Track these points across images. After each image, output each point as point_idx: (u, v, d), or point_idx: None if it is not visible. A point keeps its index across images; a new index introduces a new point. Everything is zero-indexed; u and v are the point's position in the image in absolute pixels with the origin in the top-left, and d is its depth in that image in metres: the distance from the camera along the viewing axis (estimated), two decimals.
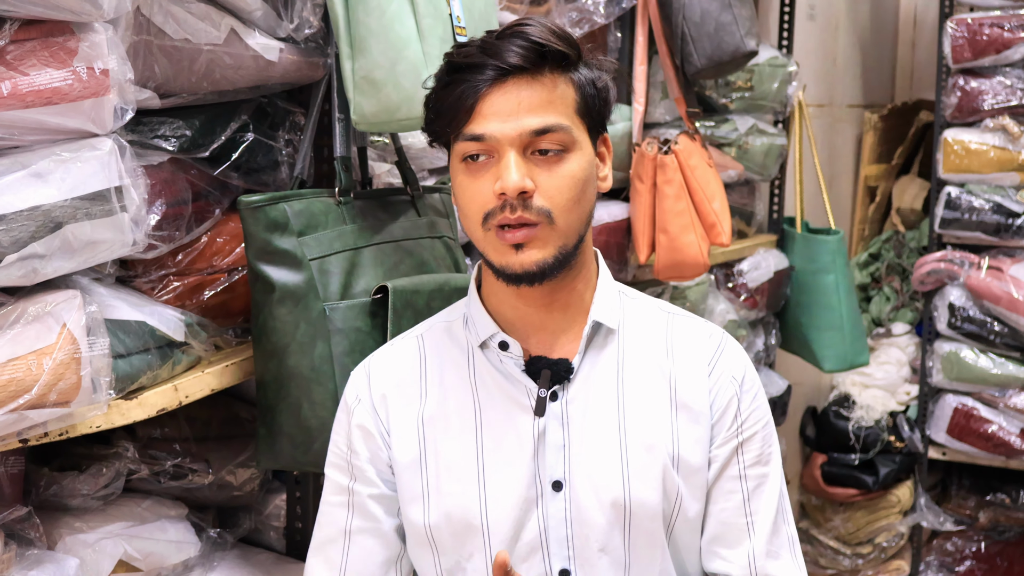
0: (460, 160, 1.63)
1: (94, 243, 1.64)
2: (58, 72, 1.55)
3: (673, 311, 1.79)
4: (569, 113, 1.62)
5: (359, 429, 1.73)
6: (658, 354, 1.73)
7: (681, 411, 1.70)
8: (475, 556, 1.67)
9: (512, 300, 1.69)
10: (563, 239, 1.62)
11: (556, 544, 1.66)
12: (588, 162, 1.65)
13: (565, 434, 1.67)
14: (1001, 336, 4.16)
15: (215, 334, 2.05)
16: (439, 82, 1.65)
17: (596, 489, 1.66)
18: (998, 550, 4.45)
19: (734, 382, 1.73)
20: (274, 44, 2.01)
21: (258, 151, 2.08)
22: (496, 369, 1.70)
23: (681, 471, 1.68)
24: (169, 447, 2.08)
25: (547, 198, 1.59)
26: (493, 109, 1.59)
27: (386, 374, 1.75)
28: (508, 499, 1.66)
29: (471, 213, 1.62)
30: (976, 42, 4.11)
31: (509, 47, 1.59)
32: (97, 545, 1.91)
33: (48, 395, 1.58)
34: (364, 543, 1.73)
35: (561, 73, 1.62)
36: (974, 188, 4.20)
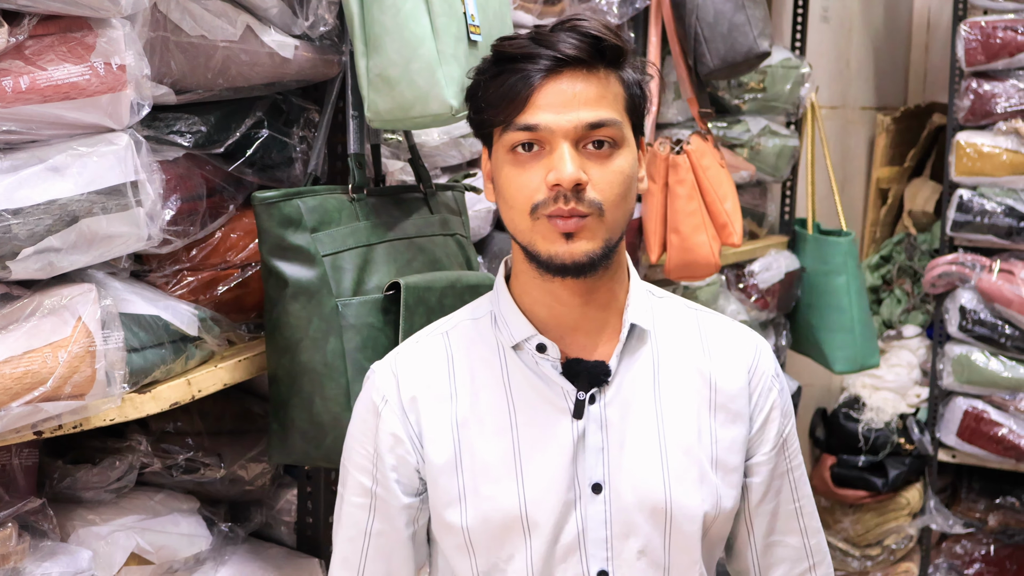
0: (508, 150, 1.61)
1: (110, 237, 1.64)
2: (76, 67, 1.56)
3: (700, 309, 1.79)
4: (620, 109, 1.62)
5: (388, 435, 1.69)
6: (694, 354, 1.72)
7: (719, 412, 1.70)
8: (515, 558, 1.66)
9: (547, 300, 1.67)
10: (609, 232, 1.61)
11: (594, 546, 1.65)
12: (635, 159, 1.65)
13: (604, 437, 1.66)
14: (1012, 339, 4.16)
15: (228, 329, 2.05)
16: (486, 73, 1.64)
17: (636, 492, 1.65)
18: (1007, 553, 4.44)
19: (775, 384, 1.75)
20: (289, 41, 2.02)
21: (272, 148, 2.09)
22: (531, 370, 1.68)
23: (719, 472, 1.69)
24: (182, 441, 2.08)
25: (599, 192, 1.59)
26: (548, 100, 1.58)
27: (414, 374, 1.72)
28: (548, 501, 1.64)
29: (517, 204, 1.61)
30: (990, 45, 4.10)
31: (565, 39, 1.58)
32: (110, 537, 1.91)
33: (63, 388, 1.59)
34: (384, 546, 1.72)
35: (613, 70, 1.62)
36: (986, 191, 4.20)
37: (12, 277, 1.56)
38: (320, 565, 2.26)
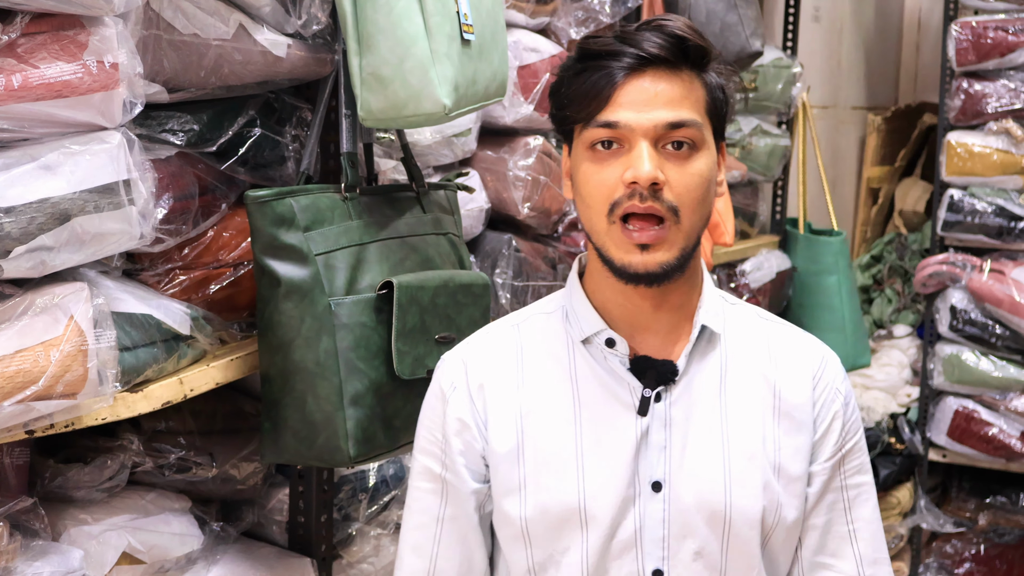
0: (587, 148, 1.61)
1: (102, 236, 1.64)
2: (68, 65, 1.56)
3: (770, 318, 1.78)
4: (701, 111, 1.61)
5: (455, 420, 1.70)
6: (761, 361, 1.71)
7: (783, 420, 1.69)
8: (571, 550, 1.66)
9: (620, 299, 1.67)
10: (686, 240, 1.61)
11: (651, 544, 1.65)
12: (714, 163, 1.64)
13: (667, 435, 1.65)
14: (1002, 339, 4.16)
15: (220, 328, 2.05)
16: (569, 69, 1.64)
17: (697, 493, 1.64)
18: (998, 552, 4.45)
19: (839, 395, 1.73)
20: (282, 40, 2.01)
21: (265, 146, 2.09)
22: (599, 365, 1.68)
23: (781, 480, 1.67)
24: (174, 440, 2.08)
25: (675, 195, 1.58)
26: (629, 98, 1.58)
27: (483, 362, 1.72)
28: (608, 496, 1.64)
29: (595, 202, 1.60)
30: (980, 45, 4.11)
31: (650, 38, 1.58)
32: (101, 537, 1.91)
33: (55, 387, 1.58)
34: (455, 532, 1.72)
35: (696, 71, 1.62)
36: (977, 191, 4.20)
37: (4, 276, 1.56)
38: (312, 565, 2.26)
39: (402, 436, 2.08)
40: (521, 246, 2.80)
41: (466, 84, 2.08)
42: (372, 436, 2.01)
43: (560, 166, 2.94)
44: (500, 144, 2.83)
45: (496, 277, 2.74)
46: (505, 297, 2.74)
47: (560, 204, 2.95)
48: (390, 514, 2.49)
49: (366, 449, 2.01)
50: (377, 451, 2.04)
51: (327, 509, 2.32)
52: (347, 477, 2.41)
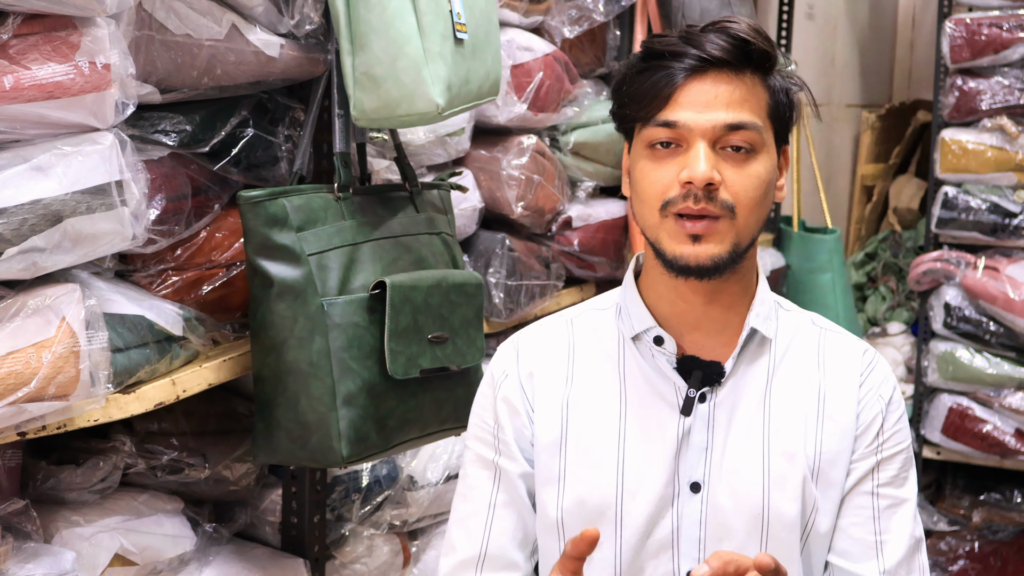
0: (646, 146, 1.61)
1: (94, 237, 1.64)
2: (60, 66, 1.56)
3: (827, 326, 1.76)
4: (762, 115, 1.60)
5: (505, 403, 1.71)
6: (809, 368, 1.70)
7: (827, 422, 1.67)
8: (604, 546, 1.65)
9: (671, 296, 1.67)
10: (739, 237, 1.60)
11: (687, 544, 1.64)
12: (773, 166, 1.63)
13: (709, 436, 1.65)
14: (997, 336, 4.17)
15: (213, 329, 2.05)
16: (633, 68, 1.64)
17: (735, 495, 1.64)
18: (992, 550, 4.46)
19: (881, 399, 1.70)
20: (275, 40, 2.01)
21: (258, 146, 2.08)
22: (647, 363, 1.68)
23: (820, 484, 1.66)
24: (166, 441, 2.08)
25: (732, 194, 1.58)
26: (689, 99, 1.58)
27: (535, 352, 1.73)
28: (646, 493, 1.64)
29: (649, 199, 1.60)
30: (974, 42, 4.11)
31: (713, 39, 1.58)
32: (94, 539, 1.91)
33: (47, 388, 1.59)
34: (508, 518, 1.72)
35: (759, 75, 1.61)
36: (971, 188, 4.21)
37: None
38: (305, 565, 2.26)
39: (395, 436, 2.08)
40: (515, 245, 2.80)
41: (459, 83, 2.08)
42: (365, 436, 2.01)
43: (554, 166, 2.95)
44: (494, 143, 2.83)
45: (490, 276, 2.74)
46: (499, 296, 2.74)
47: (554, 203, 2.95)
48: (383, 514, 2.49)
49: (359, 449, 2.01)
50: (370, 451, 2.04)
51: (320, 510, 2.32)
52: (340, 477, 2.41)
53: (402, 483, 2.52)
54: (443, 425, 2.20)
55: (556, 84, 2.90)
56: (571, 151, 3.06)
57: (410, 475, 2.55)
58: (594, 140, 3.09)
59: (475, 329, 2.22)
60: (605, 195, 3.29)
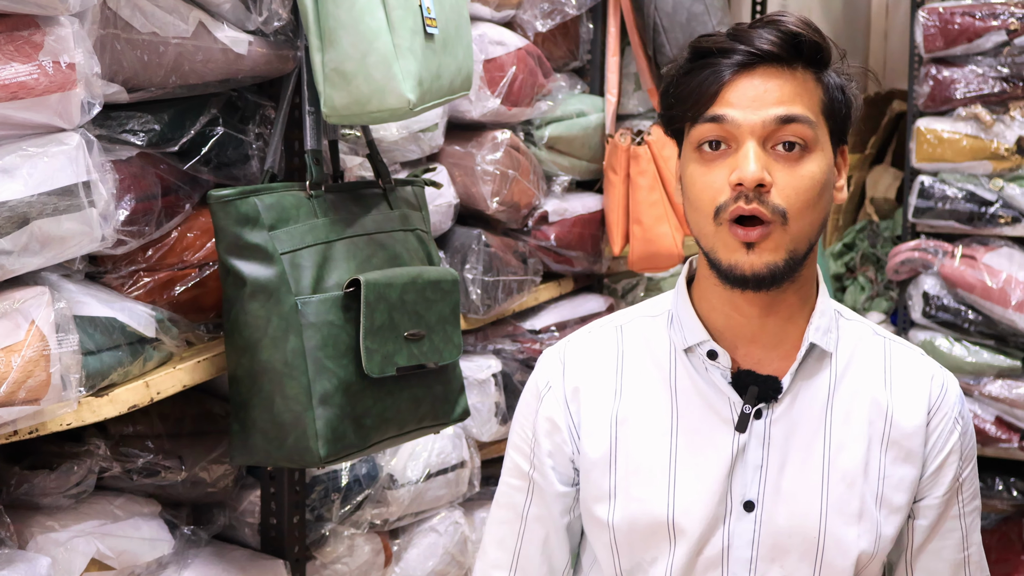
0: (695, 148, 1.56)
1: (62, 239, 1.63)
2: (23, 66, 1.54)
3: (889, 337, 1.71)
4: (816, 110, 1.56)
5: (546, 420, 1.68)
6: (875, 384, 1.65)
7: (892, 448, 1.63)
8: (658, 561, 1.63)
9: (726, 308, 1.62)
10: (795, 243, 1.54)
11: (737, 564, 1.61)
12: (828, 165, 1.57)
13: (764, 454, 1.61)
14: (975, 324, 4.18)
15: (186, 330, 2.04)
16: (681, 68, 1.59)
17: (790, 516, 1.60)
18: None
19: (957, 425, 1.66)
20: (243, 37, 2.00)
21: (228, 145, 2.07)
22: (700, 376, 1.64)
23: (883, 510, 1.63)
24: (141, 444, 2.07)
25: (783, 197, 1.52)
26: (738, 95, 1.53)
27: (582, 364, 1.69)
28: (698, 511, 1.61)
29: (702, 205, 1.55)
30: (948, 31, 4.12)
31: (762, 34, 1.54)
32: (69, 543, 1.90)
33: (17, 393, 1.57)
34: (539, 531, 1.71)
35: (812, 70, 1.57)
36: (947, 177, 4.21)
37: None
38: (285, 566, 2.26)
39: (373, 435, 2.07)
40: (491, 241, 2.80)
41: (431, 78, 2.07)
42: (342, 435, 2.00)
43: (529, 161, 2.94)
44: (467, 139, 2.83)
45: (466, 273, 2.73)
46: (476, 293, 2.73)
47: (529, 198, 2.94)
48: (364, 514, 2.48)
49: (336, 449, 2.00)
50: (348, 450, 2.03)
51: (299, 510, 2.31)
52: (319, 477, 2.40)
53: (382, 482, 2.51)
54: (421, 423, 2.19)
55: (529, 78, 2.89)
56: (546, 145, 3.06)
57: (390, 474, 2.54)
58: (569, 134, 3.09)
59: (452, 326, 2.21)
60: (581, 189, 3.29)
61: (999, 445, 4.24)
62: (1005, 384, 4.20)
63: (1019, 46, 4.04)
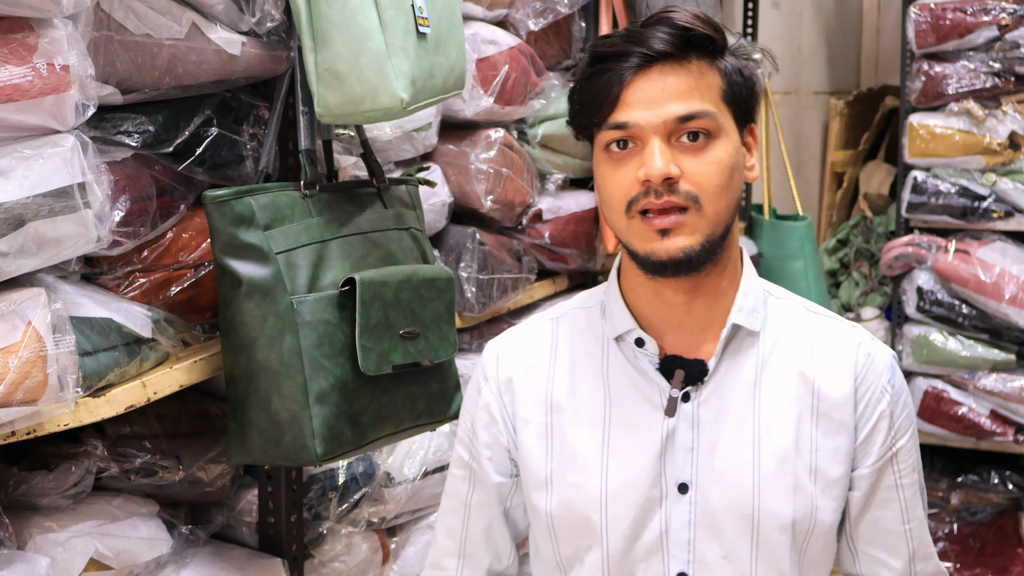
0: (603, 150, 1.60)
1: (58, 240, 1.63)
2: (18, 68, 1.54)
3: (821, 312, 1.73)
4: (715, 100, 1.59)
5: (484, 412, 1.74)
6: (803, 360, 1.67)
7: (822, 420, 1.65)
8: (593, 549, 1.66)
9: (651, 296, 1.65)
10: (711, 227, 1.57)
11: (677, 547, 1.63)
12: (735, 149, 1.61)
13: (695, 436, 1.63)
14: (969, 318, 4.18)
15: (183, 330, 2.04)
16: (583, 73, 1.62)
17: (724, 495, 1.62)
18: (971, 531, 4.48)
19: (886, 393, 1.68)
20: (236, 38, 2.00)
21: (222, 146, 2.07)
22: (630, 364, 1.67)
23: (818, 483, 1.64)
24: (139, 444, 2.07)
25: (694, 184, 1.56)
26: (637, 96, 1.56)
27: (515, 356, 1.74)
28: (630, 496, 1.63)
29: (613, 202, 1.59)
30: (939, 27, 4.13)
31: (655, 33, 1.56)
32: (68, 544, 1.90)
33: (14, 394, 1.57)
34: (482, 519, 1.76)
35: (707, 60, 1.59)
36: (940, 172, 4.22)
37: None
38: (283, 565, 2.26)
39: (370, 433, 2.07)
40: (485, 239, 2.80)
41: (423, 78, 2.07)
42: (339, 434, 2.01)
43: (522, 159, 2.94)
44: (461, 137, 2.83)
45: (461, 271, 2.73)
46: (471, 291, 2.74)
47: (523, 196, 2.94)
48: (361, 512, 2.48)
49: (333, 447, 2.00)
50: (345, 449, 2.03)
51: (297, 509, 2.31)
52: (316, 476, 2.40)
53: (379, 480, 2.51)
54: (417, 420, 2.19)
55: (522, 77, 2.89)
56: (539, 144, 3.06)
57: (387, 472, 2.54)
58: (562, 132, 3.09)
59: (447, 324, 2.22)
60: (575, 187, 3.29)
61: (994, 439, 4.25)
62: (1000, 378, 4.20)
63: (1010, 41, 4.04)
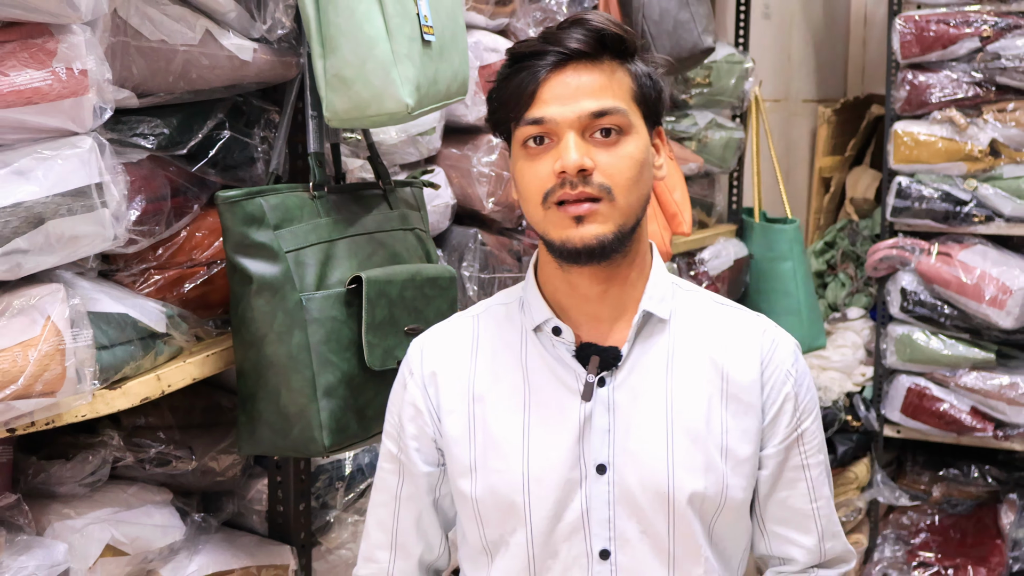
0: (521, 145, 1.62)
1: (76, 238, 1.63)
2: (38, 72, 1.54)
3: (727, 304, 1.76)
4: (626, 98, 1.61)
5: (409, 406, 1.74)
6: (710, 346, 1.70)
7: (731, 402, 1.68)
8: (517, 531, 1.67)
9: (566, 288, 1.67)
10: (623, 217, 1.60)
11: (598, 525, 1.65)
12: (645, 146, 1.63)
13: (611, 419, 1.65)
14: (951, 319, 4.18)
15: (196, 325, 2.04)
16: (501, 74, 1.64)
17: (640, 475, 1.64)
18: (951, 523, 4.48)
19: (790, 376, 1.71)
20: (248, 44, 2.00)
21: (234, 148, 2.07)
22: (548, 353, 1.69)
23: (728, 461, 1.66)
24: (153, 435, 2.07)
25: (607, 176, 1.58)
26: (553, 93, 1.58)
27: (438, 350, 1.75)
28: (551, 479, 1.65)
29: (531, 194, 1.61)
30: (923, 38, 4.13)
31: (570, 34, 1.59)
32: (85, 530, 1.90)
33: (34, 386, 1.57)
34: (412, 509, 1.77)
35: (619, 61, 1.62)
36: (923, 178, 4.22)
37: None
38: (291, 552, 2.25)
39: (374, 426, 2.07)
40: (487, 240, 2.80)
41: (428, 84, 2.07)
42: (346, 426, 2.00)
43: None
44: (464, 142, 2.83)
45: (463, 270, 2.73)
46: (472, 289, 2.74)
47: None
48: (367, 501, 2.48)
49: (340, 439, 2.00)
50: (351, 440, 2.03)
51: (305, 498, 2.31)
52: (324, 466, 2.40)
53: None
54: None
55: None
56: None
57: None
58: None
59: None
60: None
61: (974, 434, 4.25)
62: (980, 376, 4.20)
63: (991, 52, 4.04)
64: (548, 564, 1.66)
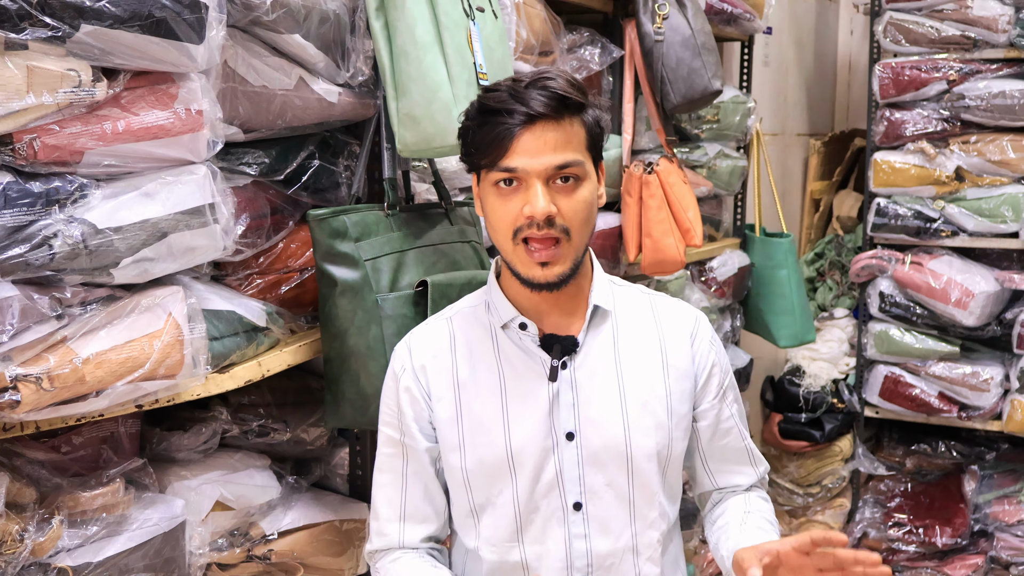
0: (493, 185, 1.62)
1: (192, 249, 1.64)
2: (162, 113, 1.56)
3: (651, 292, 1.82)
4: (581, 149, 1.62)
5: (406, 392, 1.73)
6: (647, 327, 1.75)
7: (671, 371, 1.73)
8: (504, 492, 1.69)
9: (526, 293, 1.70)
10: (576, 252, 1.64)
11: (570, 483, 1.68)
12: (595, 187, 1.66)
13: (574, 395, 1.68)
14: (922, 318, 4.15)
15: (290, 321, 2.05)
16: (474, 120, 1.63)
17: (602, 438, 1.68)
18: (922, 490, 4.43)
19: (711, 347, 1.78)
20: (334, 89, 2.01)
21: (323, 174, 2.08)
22: (516, 345, 1.71)
23: (672, 419, 1.72)
24: (255, 411, 2.08)
25: (567, 220, 1.61)
26: (524, 148, 1.58)
27: (424, 348, 1.75)
28: (529, 447, 1.68)
29: (502, 228, 1.62)
30: (899, 81, 4.09)
31: (537, 96, 1.58)
32: (199, 489, 1.91)
33: (157, 370, 1.59)
34: (419, 484, 1.75)
35: (576, 116, 1.62)
36: (899, 199, 4.18)
37: (115, 282, 1.56)
38: (367, 508, 2.26)
39: None
40: None
41: None
42: None
43: None
44: None
45: None
46: None
47: None
48: None
49: None
50: None
51: None
52: None
53: None
54: None
55: None
56: None
57: None
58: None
59: None
60: (603, 209, 3.27)
61: (941, 415, 4.20)
62: (946, 366, 4.16)
63: (957, 93, 4.00)
64: (531, 518, 1.69)
